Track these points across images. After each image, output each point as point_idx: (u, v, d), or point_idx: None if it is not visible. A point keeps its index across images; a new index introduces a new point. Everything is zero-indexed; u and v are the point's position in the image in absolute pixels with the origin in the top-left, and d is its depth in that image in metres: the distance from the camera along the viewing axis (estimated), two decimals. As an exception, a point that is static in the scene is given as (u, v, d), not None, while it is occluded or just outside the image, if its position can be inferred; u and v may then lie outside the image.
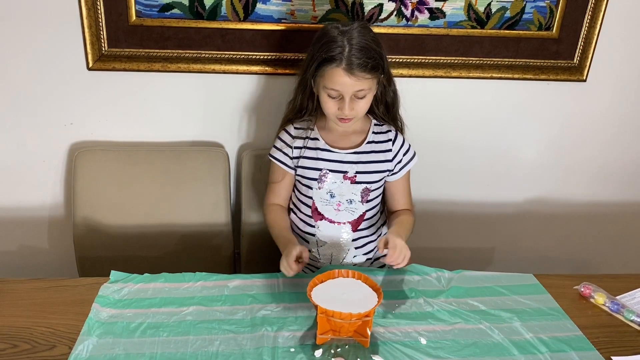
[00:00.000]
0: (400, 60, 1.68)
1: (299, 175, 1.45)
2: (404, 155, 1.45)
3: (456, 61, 1.70)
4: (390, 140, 1.44)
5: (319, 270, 1.34)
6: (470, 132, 1.82)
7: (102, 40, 1.57)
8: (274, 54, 1.63)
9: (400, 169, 1.45)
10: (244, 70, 1.64)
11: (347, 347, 1.10)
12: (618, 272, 1.54)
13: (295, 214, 1.50)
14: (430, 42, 1.67)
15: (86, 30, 1.55)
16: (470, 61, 1.70)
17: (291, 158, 1.44)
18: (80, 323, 1.14)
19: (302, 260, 1.26)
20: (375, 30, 1.61)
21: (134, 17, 1.55)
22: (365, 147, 1.42)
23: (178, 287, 1.27)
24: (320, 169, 1.42)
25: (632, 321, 1.23)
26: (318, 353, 1.08)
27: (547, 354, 1.11)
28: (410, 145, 1.47)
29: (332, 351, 1.09)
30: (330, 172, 1.41)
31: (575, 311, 1.25)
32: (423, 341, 1.13)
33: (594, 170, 1.93)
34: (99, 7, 1.52)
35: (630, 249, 2.07)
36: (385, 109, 1.45)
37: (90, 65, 1.59)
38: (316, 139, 1.43)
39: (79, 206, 1.63)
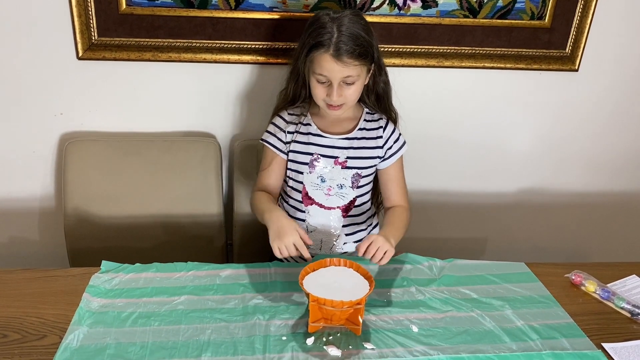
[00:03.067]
0: (393, 49, 1.67)
1: (290, 160, 1.45)
2: (395, 142, 1.45)
3: (448, 50, 1.70)
4: (381, 127, 1.45)
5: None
6: (463, 122, 1.82)
7: (92, 29, 1.55)
8: (266, 43, 1.62)
9: (390, 156, 1.45)
10: (236, 60, 1.63)
11: (338, 335, 1.10)
12: (609, 261, 1.55)
13: (286, 201, 1.50)
14: (422, 32, 1.66)
15: (76, 19, 1.53)
16: (463, 50, 1.70)
17: (284, 143, 1.44)
18: (70, 313, 1.14)
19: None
20: (368, 19, 1.60)
21: (124, 6, 1.54)
22: (356, 133, 1.43)
23: (169, 276, 1.27)
24: (311, 154, 1.42)
25: (622, 308, 1.23)
26: (310, 341, 1.08)
27: (538, 341, 1.11)
28: (401, 134, 1.47)
29: (324, 339, 1.09)
30: (321, 157, 1.42)
31: (566, 299, 1.26)
32: (415, 329, 1.13)
33: (586, 159, 1.93)
34: (88, -4, 1.51)
35: (620, 238, 2.08)
36: (376, 100, 1.45)
37: (80, 54, 1.58)
38: (308, 124, 1.44)
39: (69, 197, 1.62)
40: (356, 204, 1.46)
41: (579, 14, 1.68)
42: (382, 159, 1.45)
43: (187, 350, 1.05)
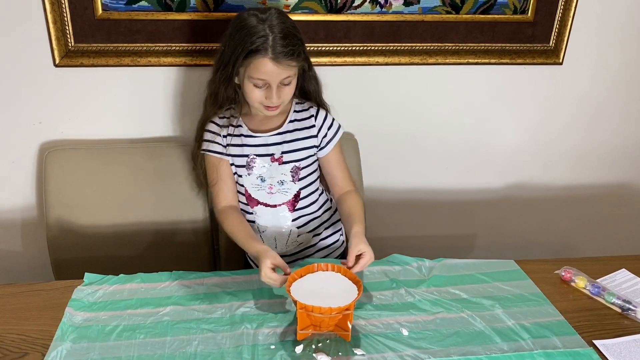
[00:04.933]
0: (376, 47, 1.65)
1: (230, 164, 1.43)
2: (329, 129, 1.43)
3: (432, 47, 1.68)
4: (312, 116, 1.43)
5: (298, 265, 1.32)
6: (448, 119, 1.81)
7: (68, 36, 1.52)
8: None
9: (327, 143, 1.43)
10: (217, 63, 1.61)
11: (328, 341, 1.09)
12: (598, 254, 1.55)
13: None
14: (405, 29, 1.65)
15: (51, 25, 1.50)
16: (446, 47, 1.69)
17: (224, 146, 1.42)
18: (53, 328, 1.11)
19: (279, 267, 1.19)
20: (350, 18, 1.60)
21: (100, 11, 1.50)
22: (287, 127, 1.41)
23: (154, 287, 1.24)
24: (247, 155, 1.41)
25: (612, 304, 1.23)
26: (299, 349, 1.07)
27: (529, 341, 1.10)
28: (334, 119, 1.45)
29: (313, 346, 1.07)
30: (257, 157, 1.40)
31: (556, 296, 1.25)
32: (405, 332, 1.12)
33: (572, 153, 1.93)
34: (63, 1, 1.47)
35: (609, 231, 2.08)
36: (303, 95, 1.44)
37: (57, 61, 1.54)
38: (240, 125, 1.42)
39: (51, 207, 1.58)
40: (301, 196, 1.44)
41: (562, 7, 1.68)
42: (319, 147, 1.43)
43: (173, 363, 1.03)
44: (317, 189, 1.48)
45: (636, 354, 1.09)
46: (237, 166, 1.42)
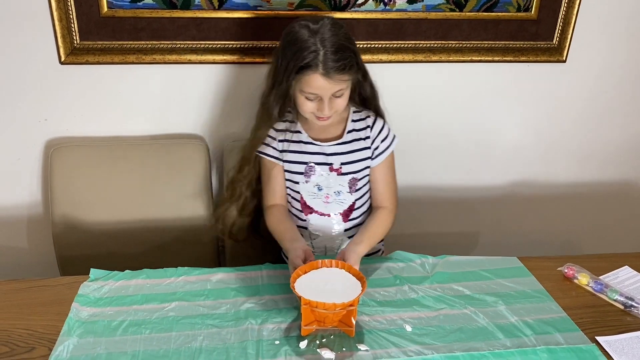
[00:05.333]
0: (379, 45, 1.66)
1: (285, 170, 1.43)
2: (382, 141, 1.42)
3: (435, 45, 1.69)
4: (368, 126, 1.42)
5: None
6: (451, 116, 1.81)
7: (74, 33, 1.53)
8: (251, 42, 1.60)
9: (377, 155, 1.42)
10: (221, 60, 1.61)
11: (332, 337, 1.10)
12: (601, 251, 1.55)
13: (289, 209, 1.48)
14: (409, 27, 1.65)
15: (56, 23, 1.51)
16: (450, 45, 1.69)
17: (279, 151, 1.42)
18: (60, 323, 1.12)
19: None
20: (353, 15, 1.60)
21: (105, 9, 1.51)
22: (346, 137, 1.40)
23: (160, 283, 1.25)
24: (306, 163, 1.40)
25: (615, 300, 1.23)
26: (303, 344, 1.07)
27: (532, 337, 1.11)
28: (389, 131, 1.44)
29: (317, 342, 1.08)
30: (316, 165, 1.39)
31: (559, 293, 1.26)
32: (408, 328, 1.12)
33: (576, 150, 1.93)
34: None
35: (613, 229, 2.08)
36: (360, 101, 1.42)
37: (63, 59, 1.55)
38: (299, 132, 1.41)
39: (57, 204, 1.59)
40: (355, 207, 1.44)
41: (565, 4, 1.68)
42: (371, 158, 1.43)
43: (179, 358, 1.04)
44: (369, 199, 1.48)
45: (638, 350, 1.09)
46: (294, 172, 1.41)
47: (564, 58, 1.76)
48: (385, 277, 1.29)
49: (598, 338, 1.12)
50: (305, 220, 1.45)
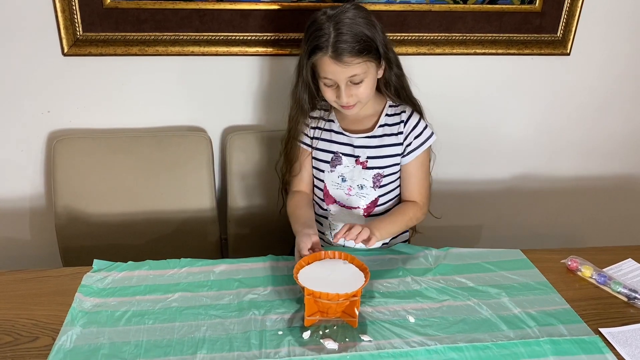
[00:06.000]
0: (383, 37, 1.65)
1: (313, 157, 1.43)
2: (415, 138, 1.38)
3: (439, 37, 1.68)
4: (402, 121, 1.38)
5: None
6: (455, 109, 1.80)
7: (77, 25, 1.53)
8: (254, 34, 1.60)
9: (409, 152, 1.38)
10: (224, 52, 1.61)
11: (335, 327, 1.09)
12: (604, 244, 1.54)
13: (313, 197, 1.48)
14: (412, 19, 1.65)
15: (59, 14, 1.50)
16: (454, 37, 1.69)
17: (311, 138, 1.42)
18: (63, 313, 1.12)
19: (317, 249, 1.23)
20: (356, 7, 1.59)
21: (108, 0, 1.51)
22: (377, 131, 1.38)
23: (163, 274, 1.25)
24: (334, 152, 1.39)
25: (619, 293, 1.23)
26: (306, 335, 1.07)
27: (535, 328, 1.11)
28: (426, 128, 1.40)
29: (321, 332, 1.08)
30: (343, 156, 1.39)
31: (562, 285, 1.25)
32: (411, 319, 1.12)
33: (579, 144, 1.93)
34: (71, -10, 1.48)
35: (616, 221, 2.08)
36: (394, 93, 1.40)
37: (66, 50, 1.55)
38: (332, 120, 1.41)
39: (60, 196, 1.60)
40: (379, 203, 1.42)
41: (570, -3, 1.67)
42: (402, 155, 1.40)
43: (182, 348, 1.04)
44: (396, 197, 1.45)
45: (642, 342, 1.09)
46: (320, 160, 1.41)
47: (568, 51, 1.75)
48: (389, 268, 1.29)
49: (601, 330, 1.12)
50: (326, 210, 1.44)
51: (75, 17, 1.51)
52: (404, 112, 1.40)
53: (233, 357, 1.02)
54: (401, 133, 1.38)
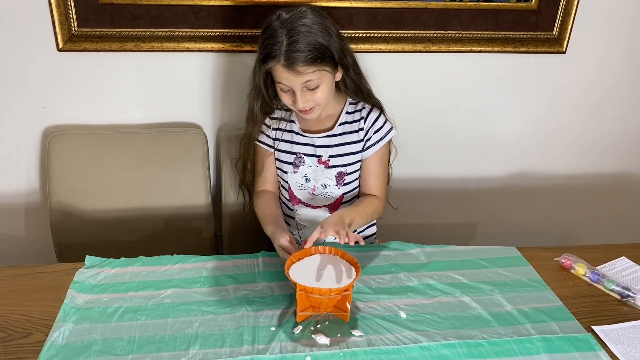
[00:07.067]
0: (379, 35, 1.65)
1: (276, 159, 1.43)
2: (375, 133, 1.38)
3: (435, 35, 1.68)
4: (362, 118, 1.38)
5: None
6: (451, 107, 1.80)
7: (72, 20, 1.52)
8: (250, 30, 1.60)
9: (369, 147, 1.39)
10: (220, 48, 1.61)
11: (327, 323, 1.10)
12: (599, 242, 1.55)
13: (280, 198, 1.49)
14: (408, 16, 1.64)
15: (54, 9, 1.50)
16: (450, 35, 1.68)
17: (273, 139, 1.42)
18: (57, 309, 1.12)
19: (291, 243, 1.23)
20: (353, 4, 1.59)
21: (103, -5, 1.51)
22: (337, 130, 1.38)
23: (156, 270, 1.25)
24: (295, 153, 1.40)
25: (612, 290, 1.23)
26: (298, 330, 1.07)
27: (527, 325, 1.11)
28: (385, 123, 1.40)
29: (312, 328, 1.08)
30: (305, 156, 1.39)
31: (556, 282, 1.25)
32: (403, 315, 1.12)
33: (575, 142, 1.92)
34: (66, -14, 1.48)
35: (610, 220, 2.08)
36: (353, 92, 1.38)
37: (61, 46, 1.55)
38: (292, 121, 1.41)
39: (54, 191, 1.60)
40: (344, 201, 1.43)
41: (566, -5, 1.67)
42: (362, 150, 1.40)
43: (174, 344, 1.04)
44: (358, 195, 1.45)
45: (634, 340, 1.09)
46: (283, 162, 1.41)
47: (564, 49, 1.75)
48: (381, 264, 1.29)
49: (594, 327, 1.12)
50: (293, 210, 1.45)
51: (70, 12, 1.51)
52: (364, 108, 1.39)
53: (225, 353, 1.02)
54: (362, 129, 1.38)
